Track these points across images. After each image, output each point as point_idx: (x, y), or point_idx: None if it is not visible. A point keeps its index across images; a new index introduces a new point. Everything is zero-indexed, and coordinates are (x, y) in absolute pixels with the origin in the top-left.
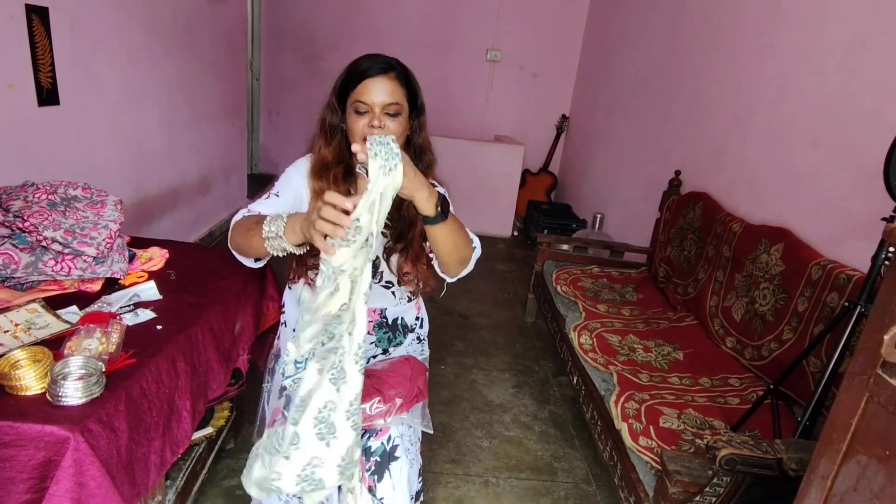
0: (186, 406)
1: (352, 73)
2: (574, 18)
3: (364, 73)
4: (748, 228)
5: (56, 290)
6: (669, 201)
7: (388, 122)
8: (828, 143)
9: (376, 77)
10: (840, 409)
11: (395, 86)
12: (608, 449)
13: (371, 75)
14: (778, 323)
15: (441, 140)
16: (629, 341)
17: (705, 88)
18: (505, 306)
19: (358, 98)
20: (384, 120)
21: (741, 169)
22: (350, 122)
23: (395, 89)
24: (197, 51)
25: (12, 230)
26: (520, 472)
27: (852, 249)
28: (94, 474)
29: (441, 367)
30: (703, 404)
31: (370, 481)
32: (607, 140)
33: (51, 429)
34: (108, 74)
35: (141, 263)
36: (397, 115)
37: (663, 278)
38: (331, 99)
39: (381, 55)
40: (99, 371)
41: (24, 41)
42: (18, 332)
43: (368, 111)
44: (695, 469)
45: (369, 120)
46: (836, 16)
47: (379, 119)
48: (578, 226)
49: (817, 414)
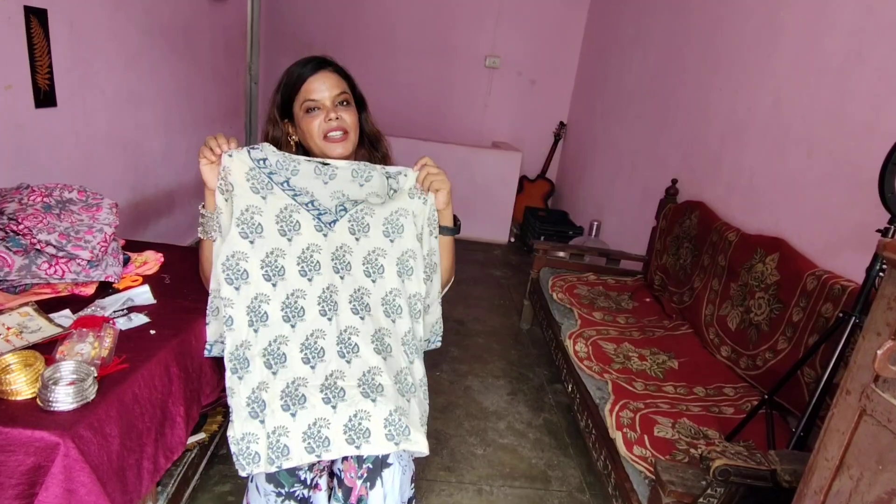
0: (180, 411)
1: (290, 79)
2: (573, 26)
3: (303, 74)
4: (744, 238)
5: (49, 293)
6: (666, 210)
7: (343, 114)
8: (824, 154)
9: (317, 74)
10: (833, 422)
11: (337, 78)
12: (602, 458)
13: (311, 73)
14: (773, 333)
15: (439, 146)
16: (624, 349)
17: (702, 97)
18: (501, 313)
19: (306, 98)
20: (339, 111)
21: (737, 178)
22: (304, 125)
23: (338, 81)
24: (195, 54)
25: (6, 233)
26: (514, 480)
27: (847, 260)
28: (85, 480)
29: (436, 373)
30: (698, 414)
31: (362, 489)
32: (605, 147)
33: (40, 434)
34: (105, 76)
35: (136, 267)
36: (347, 103)
37: (659, 287)
38: (272, 112)
39: (313, 55)
40: (91, 376)
41: (22, 42)
42: (10, 336)
43: (320, 108)
44: (689, 479)
45: (325, 115)
46: (833, 27)
47: (334, 111)
48: (575, 233)
49: (811, 424)
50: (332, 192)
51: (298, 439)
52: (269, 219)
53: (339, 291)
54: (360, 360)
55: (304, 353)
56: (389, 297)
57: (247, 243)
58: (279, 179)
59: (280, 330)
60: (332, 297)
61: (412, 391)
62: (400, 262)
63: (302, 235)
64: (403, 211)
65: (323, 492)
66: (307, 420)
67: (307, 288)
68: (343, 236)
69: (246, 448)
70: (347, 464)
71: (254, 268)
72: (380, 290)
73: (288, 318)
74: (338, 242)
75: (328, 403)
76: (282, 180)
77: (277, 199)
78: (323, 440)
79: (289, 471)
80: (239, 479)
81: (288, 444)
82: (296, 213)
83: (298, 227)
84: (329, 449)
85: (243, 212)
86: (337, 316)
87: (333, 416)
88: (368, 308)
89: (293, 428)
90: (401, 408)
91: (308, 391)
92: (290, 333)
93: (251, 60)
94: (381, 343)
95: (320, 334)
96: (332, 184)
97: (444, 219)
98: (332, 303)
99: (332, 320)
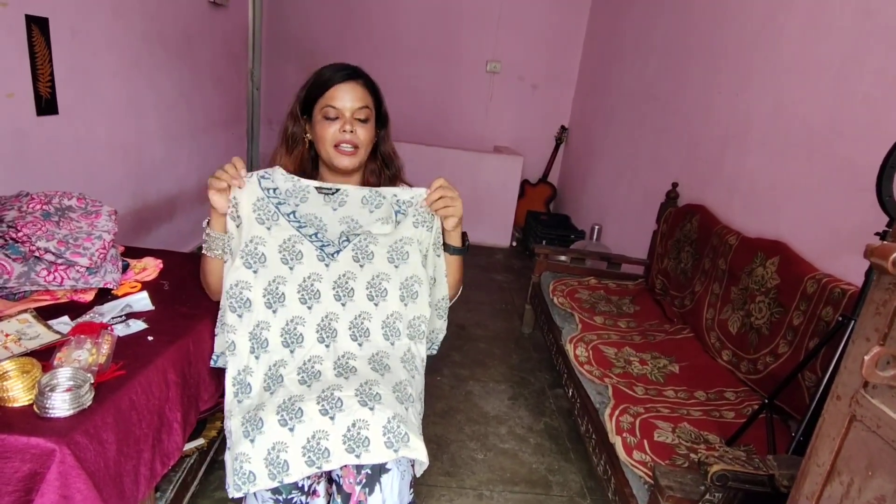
0: (177, 417)
1: (318, 80)
2: (574, 30)
3: (332, 79)
4: (744, 241)
5: (48, 300)
6: (666, 213)
7: (359, 129)
8: (823, 157)
9: (345, 83)
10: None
11: (364, 92)
12: (602, 463)
13: (339, 81)
14: (773, 336)
15: (440, 150)
16: (625, 354)
17: (703, 101)
18: (502, 317)
19: (328, 103)
20: (355, 126)
21: (738, 182)
22: (319, 130)
23: (364, 95)
24: (197, 60)
25: (5, 240)
26: (514, 486)
27: (847, 263)
28: (81, 487)
29: (437, 378)
30: (699, 418)
31: (361, 494)
32: (606, 151)
33: (36, 441)
34: (106, 84)
35: (135, 273)
36: (367, 120)
37: (660, 290)
38: (294, 108)
39: (347, 63)
40: (87, 382)
41: (23, 51)
42: (9, 343)
43: (339, 117)
44: (687, 484)
45: (340, 125)
46: (831, 31)
47: (350, 124)
48: (577, 236)
49: (812, 429)
50: (341, 218)
51: (298, 454)
52: (272, 249)
53: (339, 319)
54: (356, 377)
55: (301, 375)
56: (389, 320)
57: (250, 273)
58: (286, 210)
59: (279, 355)
60: (332, 324)
61: (410, 401)
62: (404, 286)
63: (304, 265)
64: (408, 240)
65: (321, 498)
66: (306, 434)
67: (306, 315)
68: (346, 265)
69: (240, 468)
70: (346, 469)
71: (257, 296)
72: (381, 313)
73: (287, 343)
74: (341, 271)
75: (325, 415)
76: (289, 210)
77: (282, 230)
78: (322, 451)
79: None
80: None
81: (288, 459)
82: (299, 244)
83: (301, 257)
84: (329, 460)
85: (248, 243)
86: (335, 343)
87: (332, 426)
88: (368, 333)
89: (292, 443)
90: (399, 415)
91: (305, 405)
92: (289, 358)
93: (253, 66)
94: (378, 363)
95: (317, 360)
96: (341, 210)
97: (453, 239)
98: (331, 330)
99: (329, 346)
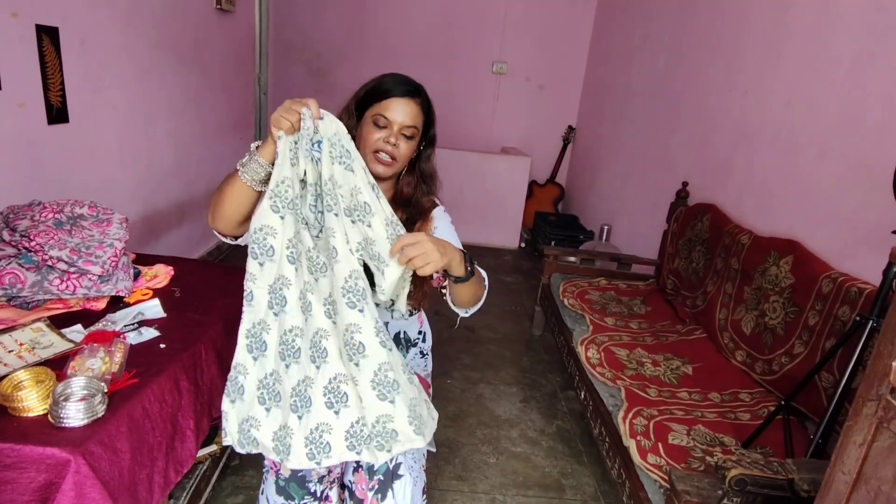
0: (190, 425)
1: (379, 87)
2: (580, 30)
3: (392, 91)
4: (757, 240)
5: (61, 308)
6: (677, 213)
7: (402, 143)
8: (837, 154)
9: (403, 98)
10: (850, 433)
11: (418, 111)
12: (616, 466)
13: (398, 94)
14: (788, 337)
15: (448, 152)
16: (637, 355)
17: (712, 99)
18: (512, 319)
19: (381, 112)
20: (399, 139)
21: (749, 180)
22: (365, 132)
23: (417, 114)
24: (205, 66)
25: (18, 249)
26: (527, 489)
27: (863, 262)
28: (95, 497)
29: (447, 381)
30: (713, 420)
31: (373, 500)
32: (614, 151)
33: (52, 451)
34: (116, 92)
35: (146, 281)
36: (412, 138)
37: (671, 291)
38: (350, 103)
39: (411, 79)
40: (101, 392)
41: (34, 60)
42: (23, 352)
43: (387, 127)
44: (704, 489)
45: (386, 135)
46: (843, 27)
47: (396, 137)
48: (586, 237)
49: (830, 431)
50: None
51: (301, 444)
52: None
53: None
54: (327, 366)
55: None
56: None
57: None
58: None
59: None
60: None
61: (395, 388)
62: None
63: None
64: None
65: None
66: (310, 425)
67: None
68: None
69: (247, 430)
70: (358, 475)
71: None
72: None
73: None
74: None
75: (331, 408)
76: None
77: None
78: (324, 445)
79: (299, 483)
80: (251, 491)
81: (292, 444)
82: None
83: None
84: (329, 455)
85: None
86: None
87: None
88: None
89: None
90: (386, 415)
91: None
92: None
93: (260, 71)
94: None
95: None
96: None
97: (455, 270)
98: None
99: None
